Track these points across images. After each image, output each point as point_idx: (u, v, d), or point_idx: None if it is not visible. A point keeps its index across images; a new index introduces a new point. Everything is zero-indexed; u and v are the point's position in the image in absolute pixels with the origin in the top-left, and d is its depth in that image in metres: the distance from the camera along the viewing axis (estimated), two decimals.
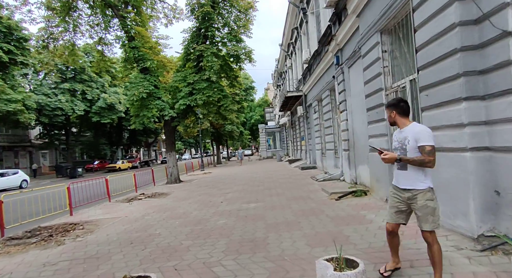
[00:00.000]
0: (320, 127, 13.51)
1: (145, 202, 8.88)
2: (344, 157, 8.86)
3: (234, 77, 15.00)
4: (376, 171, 6.01)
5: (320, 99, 12.94)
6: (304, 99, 16.27)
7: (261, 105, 56.12)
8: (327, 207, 5.88)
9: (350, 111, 8.20)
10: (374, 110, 5.96)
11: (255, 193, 8.80)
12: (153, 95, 12.81)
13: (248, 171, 17.73)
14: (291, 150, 27.37)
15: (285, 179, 11.60)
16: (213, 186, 11.70)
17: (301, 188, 8.91)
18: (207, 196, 8.98)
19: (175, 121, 13.76)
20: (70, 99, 26.52)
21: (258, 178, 13.24)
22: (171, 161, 14.22)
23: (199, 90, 13.12)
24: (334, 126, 11.02)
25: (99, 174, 31.34)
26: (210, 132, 25.50)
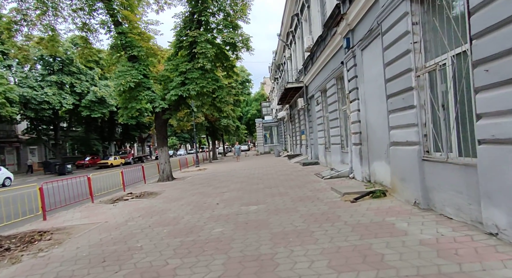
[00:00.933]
0: (323, 120, 12.56)
1: (132, 204, 7.89)
2: (354, 152, 7.94)
3: (230, 67, 13.95)
4: (400, 168, 5.09)
5: (324, 89, 11.97)
6: (305, 91, 15.29)
7: (257, 100, 55.07)
8: (342, 211, 4.96)
9: (362, 101, 7.25)
10: (398, 96, 5.01)
11: (255, 192, 7.86)
12: (142, 85, 11.74)
13: (245, 167, 16.79)
14: (289, 145, 26.46)
15: (286, 176, 10.67)
16: (208, 184, 10.74)
17: (305, 186, 7.98)
18: (202, 196, 8.02)
19: (167, 114, 12.71)
20: (57, 93, 25.17)
21: (256, 174, 12.30)
22: (163, 157, 13.20)
23: (192, 80, 12.06)
24: (341, 119, 10.07)
25: (90, 170, 30.13)
26: (205, 127, 24.45)
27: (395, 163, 5.29)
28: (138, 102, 11.61)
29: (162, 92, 12.88)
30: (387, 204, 5.07)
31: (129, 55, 11.76)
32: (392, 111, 5.34)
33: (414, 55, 4.53)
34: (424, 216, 4.16)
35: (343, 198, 5.88)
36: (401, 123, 5.00)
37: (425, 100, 4.49)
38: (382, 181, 6.42)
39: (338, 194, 6.31)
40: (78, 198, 8.83)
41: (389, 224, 4.04)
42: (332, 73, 10.04)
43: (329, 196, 6.36)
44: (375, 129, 6.65)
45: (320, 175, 9.47)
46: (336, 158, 10.49)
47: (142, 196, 9.24)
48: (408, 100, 4.70)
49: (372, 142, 6.88)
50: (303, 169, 12.65)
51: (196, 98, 12.60)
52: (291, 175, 10.80)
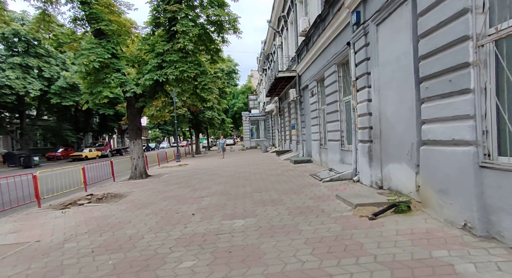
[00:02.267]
0: (319, 113, 11.23)
1: (85, 211, 6.26)
2: (361, 151, 6.62)
3: (215, 51, 12.28)
4: (439, 175, 3.77)
5: (321, 78, 10.60)
6: (297, 81, 13.90)
7: (244, 92, 53.44)
8: (362, 235, 3.60)
9: (375, 88, 5.90)
10: (442, 77, 3.67)
11: (241, 198, 6.41)
12: (110, 67, 9.96)
13: (230, 164, 15.30)
14: (277, 140, 25.15)
15: (277, 176, 9.29)
16: (186, 184, 9.20)
17: (302, 191, 6.62)
18: (175, 202, 6.50)
19: (141, 102, 10.98)
20: (22, 77, 22.59)
21: (243, 173, 10.85)
22: (135, 151, 11.51)
23: (170, 63, 10.38)
24: (341, 111, 8.75)
25: (61, 163, 27.75)
26: (187, 119, 22.67)
27: (430, 169, 3.97)
28: (105, 87, 9.83)
29: (136, 77, 11.14)
30: (421, 224, 3.76)
31: (94, 30, 9.92)
32: (427, 99, 4.00)
33: (474, 16, 3.18)
34: (489, 250, 2.86)
35: (356, 211, 4.53)
36: (444, 115, 3.66)
37: (487, 81, 3.16)
38: (401, 188, 5.13)
39: (347, 205, 4.96)
40: (23, 200, 7.14)
41: (443, 264, 2.70)
42: (333, 58, 8.66)
43: (336, 207, 5.00)
44: (393, 124, 5.33)
45: (317, 176, 8.14)
46: (334, 156, 9.19)
47: (103, 198, 7.62)
48: (460, 82, 3.36)
49: (388, 139, 5.57)
50: (295, 167, 11.31)
51: (175, 84, 10.95)
52: (283, 175, 9.43)
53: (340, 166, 8.42)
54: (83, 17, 10.21)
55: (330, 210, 4.83)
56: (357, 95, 6.74)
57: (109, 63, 9.91)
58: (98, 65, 9.44)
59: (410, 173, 4.76)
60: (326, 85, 9.64)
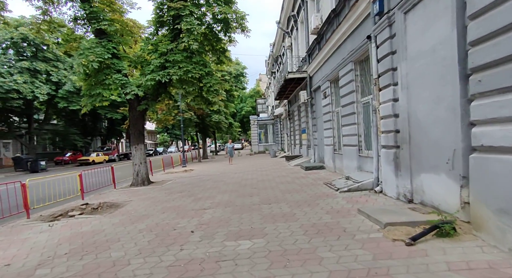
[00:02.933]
0: (332, 116, 10.43)
1: (74, 224, 5.62)
2: (385, 158, 5.81)
3: (222, 51, 11.68)
4: (500, 191, 2.96)
5: (335, 78, 9.84)
6: (308, 82, 13.14)
7: (252, 96, 52.90)
8: (404, 269, 2.80)
9: (403, 86, 5.10)
10: (502, 67, 2.88)
11: (248, 210, 5.67)
12: (111, 67, 9.43)
13: (237, 170, 14.58)
14: (286, 145, 24.35)
15: (288, 185, 8.51)
16: (189, 192, 8.51)
17: (317, 203, 5.83)
18: (174, 214, 5.80)
19: (143, 104, 10.41)
20: (30, 81, 22.52)
21: (250, 181, 10.11)
22: (137, 157, 10.91)
23: (174, 63, 9.81)
24: (359, 113, 7.95)
25: (69, 167, 27.63)
26: (194, 123, 22.13)
27: (485, 182, 3.16)
28: (105, 89, 9.29)
29: (138, 78, 10.60)
30: (477, 254, 2.93)
31: (94, 29, 9.43)
32: (480, 96, 3.20)
33: None
34: None
35: (387, 232, 3.73)
36: (505, 114, 2.86)
37: None
38: (438, 203, 4.30)
39: (373, 223, 4.16)
40: (16, 209, 6.59)
41: None
42: (350, 55, 7.90)
43: (360, 225, 4.20)
44: (426, 127, 4.52)
45: (333, 185, 7.33)
46: (351, 163, 8.36)
47: (98, 208, 6.99)
48: None
49: (419, 144, 4.75)
50: (307, 174, 10.50)
51: (178, 85, 10.35)
52: (294, 183, 8.64)
53: (358, 174, 7.59)
54: (83, 16, 9.74)
55: (354, 229, 4.03)
56: (380, 94, 5.95)
57: (110, 64, 9.39)
58: (98, 66, 8.91)
59: (452, 186, 3.93)
60: (341, 86, 8.86)
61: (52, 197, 8.15)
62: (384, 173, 5.90)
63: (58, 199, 8.26)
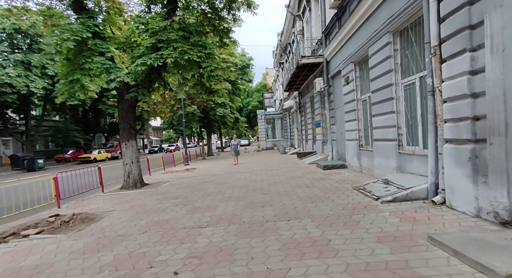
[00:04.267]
0: (357, 105, 8.72)
1: (19, 252, 4.10)
2: (452, 157, 4.12)
3: (225, 32, 10.01)
4: None
5: (362, 58, 8.12)
6: (325, 68, 11.40)
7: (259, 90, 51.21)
8: None
9: (496, 48, 3.37)
10: None
11: (261, 233, 4.06)
12: (92, 50, 7.88)
13: (244, 168, 13.00)
14: (296, 140, 22.66)
15: (306, 189, 6.87)
16: (185, 199, 6.95)
17: (358, 220, 4.18)
18: (158, 237, 4.23)
19: (132, 93, 8.85)
20: (24, 74, 21.23)
21: (260, 183, 8.50)
22: (128, 155, 9.41)
23: (167, 43, 8.23)
24: (398, 99, 6.23)
25: (69, 165, 26.43)
26: (197, 117, 20.59)
27: None
28: (85, 74, 7.76)
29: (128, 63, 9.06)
30: None
31: (71, 2, 7.88)
32: None
33: None
34: None
35: None
36: None
37: None
38: None
39: (474, 269, 2.50)
40: None
41: None
42: (386, 25, 6.17)
43: (448, 271, 2.55)
44: None
45: (368, 191, 5.65)
46: (386, 162, 6.67)
47: (69, 222, 5.51)
48: None
49: None
50: (327, 175, 8.83)
51: (174, 70, 8.74)
52: (314, 187, 7.00)
53: (399, 176, 5.90)
54: None
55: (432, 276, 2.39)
56: (443, 68, 4.24)
57: (91, 45, 7.85)
58: (74, 46, 7.38)
59: None
60: (372, 66, 7.14)
61: (32, 202, 6.74)
62: (450, 178, 4.21)
63: (30, 207, 6.83)
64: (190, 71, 8.73)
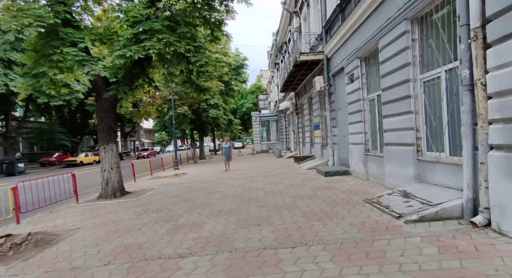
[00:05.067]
0: (363, 106, 7.84)
1: None
2: (504, 168, 3.23)
3: (217, 24, 9.06)
4: None
5: (370, 53, 7.27)
6: (326, 65, 10.53)
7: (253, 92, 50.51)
8: None
9: None
10: None
11: (255, 264, 3.10)
12: (63, 39, 6.85)
13: (238, 174, 12.03)
14: (293, 143, 21.77)
15: (311, 202, 5.93)
16: (168, 212, 5.94)
17: (383, 250, 3.25)
18: (124, 272, 3.23)
19: (112, 90, 7.81)
20: (3, 72, 19.93)
21: (255, 192, 7.53)
22: (107, 160, 8.37)
23: (151, 33, 7.25)
24: (416, 97, 5.35)
25: (54, 169, 25.02)
26: (189, 119, 19.55)
27: None
28: (52, 67, 6.70)
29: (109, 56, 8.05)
30: None
31: None
32: None
33: None
34: None
35: None
36: None
37: None
38: None
39: None
40: None
41: None
42: (402, 11, 5.31)
43: None
44: None
45: (384, 205, 4.73)
46: (401, 170, 5.78)
47: (22, 245, 4.47)
48: None
49: None
50: (330, 183, 7.91)
51: (159, 64, 7.74)
52: (318, 199, 6.06)
53: (420, 188, 5.00)
54: None
55: None
56: (488, 55, 3.36)
57: (61, 34, 6.81)
58: (40, 34, 6.36)
59: None
60: (383, 60, 6.27)
61: None
62: (497, 195, 3.31)
63: None
64: (178, 66, 7.75)
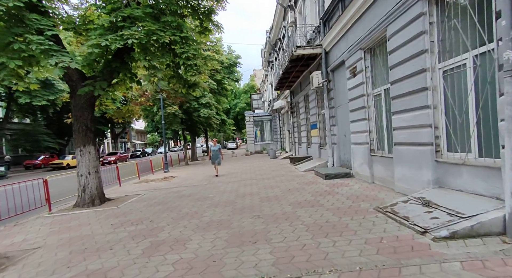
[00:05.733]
0: (367, 101, 7.14)
1: None
2: None
3: (206, 14, 8.25)
4: None
5: (376, 42, 6.58)
6: (324, 60, 9.82)
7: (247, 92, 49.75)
8: None
9: None
10: None
11: None
12: (28, 25, 5.97)
13: (230, 177, 11.24)
14: (288, 143, 21.06)
15: (313, 210, 5.18)
16: (149, 225, 5.12)
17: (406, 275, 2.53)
18: None
19: (87, 86, 6.93)
20: None
21: (249, 199, 6.75)
22: (83, 164, 7.49)
23: (131, 21, 6.44)
24: (435, 89, 4.65)
25: (38, 172, 23.84)
26: (179, 119, 18.66)
27: None
28: (13, 58, 5.81)
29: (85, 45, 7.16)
30: None
31: None
32: None
33: None
34: None
35: None
36: None
37: None
38: None
39: None
40: None
41: None
42: None
43: None
44: None
45: (401, 216, 4.01)
46: (415, 173, 5.07)
47: None
48: None
49: None
50: (331, 187, 7.17)
51: (140, 56, 6.90)
52: (321, 207, 5.31)
53: (442, 194, 4.29)
54: None
55: None
56: None
57: (25, 19, 5.94)
58: None
59: None
60: (393, 50, 5.57)
61: None
62: None
63: None
64: (162, 58, 6.92)
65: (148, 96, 16.47)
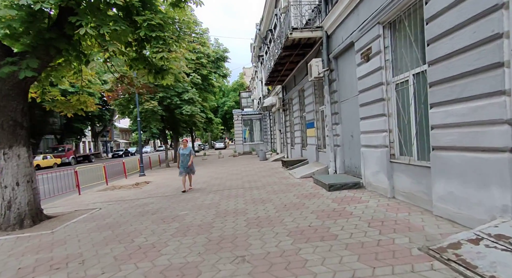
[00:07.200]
0: (386, 92, 5.49)
1: None
2: None
3: None
4: None
5: (402, 12, 4.91)
6: (325, 44, 8.15)
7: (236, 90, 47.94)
8: None
9: None
10: None
11: None
12: None
13: (213, 185, 9.44)
14: (279, 144, 19.37)
15: (326, 249, 3.46)
16: (74, 272, 3.28)
17: None
18: None
19: (9, 65, 5.00)
20: None
21: (233, 221, 4.97)
22: (10, 172, 5.56)
23: None
24: None
25: None
26: (159, 116, 16.69)
27: None
28: None
29: None
30: None
31: None
32: None
33: None
34: None
35: None
36: None
37: None
38: None
39: None
40: None
41: None
42: None
43: None
44: None
45: (478, 271, 2.34)
46: (476, 193, 3.43)
47: None
48: None
49: None
50: (339, 202, 5.48)
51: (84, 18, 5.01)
52: (339, 244, 3.60)
53: None
54: None
55: None
56: None
57: None
58: None
59: None
60: (434, 15, 3.91)
61: None
62: None
63: None
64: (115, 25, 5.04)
65: (121, 90, 14.43)
